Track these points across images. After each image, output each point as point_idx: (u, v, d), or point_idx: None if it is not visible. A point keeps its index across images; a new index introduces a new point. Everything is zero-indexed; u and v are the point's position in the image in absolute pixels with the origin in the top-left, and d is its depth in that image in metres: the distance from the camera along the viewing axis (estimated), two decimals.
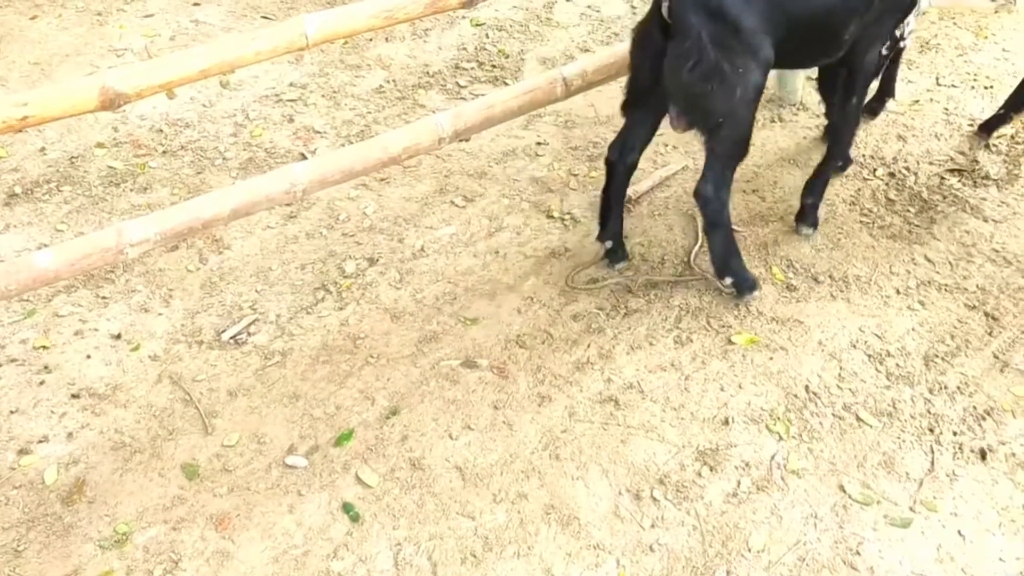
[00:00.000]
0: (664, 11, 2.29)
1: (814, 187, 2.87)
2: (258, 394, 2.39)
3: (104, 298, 2.66)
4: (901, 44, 2.92)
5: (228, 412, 2.34)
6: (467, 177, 3.14)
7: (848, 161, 3.12)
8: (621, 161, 2.65)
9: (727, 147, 2.45)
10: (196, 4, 4.02)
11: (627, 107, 2.61)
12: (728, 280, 2.64)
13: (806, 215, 2.90)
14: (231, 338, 2.54)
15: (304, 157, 3.15)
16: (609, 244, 2.75)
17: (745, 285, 2.64)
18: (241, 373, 2.44)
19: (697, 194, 2.54)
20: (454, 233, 2.91)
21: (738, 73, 2.30)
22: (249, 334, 2.56)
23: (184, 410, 2.35)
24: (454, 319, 2.61)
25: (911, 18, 2.77)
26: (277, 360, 2.48)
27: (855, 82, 2.71)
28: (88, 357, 2.49)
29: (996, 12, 3.51)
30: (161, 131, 3.29)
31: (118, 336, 2.55)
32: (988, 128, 3.29)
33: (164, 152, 3.21)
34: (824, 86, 2.89)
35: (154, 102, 3.29)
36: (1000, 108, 3.28)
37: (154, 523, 2.09)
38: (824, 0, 2.37)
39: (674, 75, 2.31)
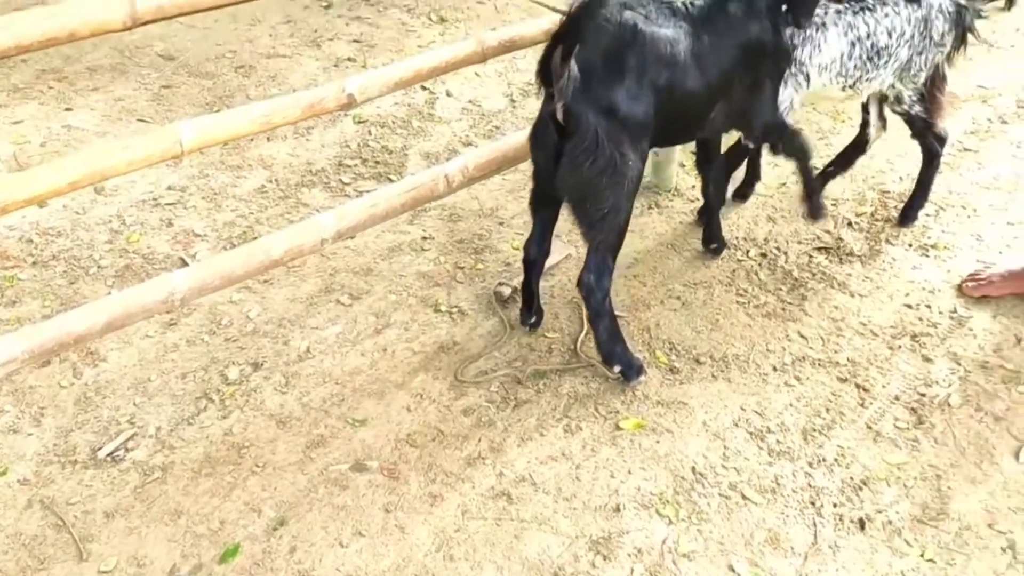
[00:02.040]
0: (559, 114, 2.38)
1: (808, 187, 3.06)
2: (137, 513, 2.29)
3: None
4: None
5: (105, 535, 2.23)
6: (353, 274, 3.14)
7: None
8: (539, 255, 2.81)
9: (610, 237, 2.54)
10: (68, 109, 3.95)
11: (534, 205, 2.75)
12: (616, 368, 2.70)
13: (814, 209, 3.09)
14: (108, 455, 2.43)
15: (184, 262, 3.09)
16: (533, 319, 2.90)
17: (632, 371, 2.71)
18: (119, 492, 2.34)
19: (580, 284, 2.61)
20: (340, 332, 2.90)
21: (628, 165, 2.43)
22: (127, 450, 2.46)
23: (57, 536, 2.23)
24: (342, 421, 2.57)
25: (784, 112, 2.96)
26: (157, 476, 2.39)
27: (775, 142, 2.92)
28: None
29: (847, 98, 3.73)
30: (31, 241, 3.19)
31: None
32: (821, 182, 3.54)
33: (34, 263, 3.10)
34: (698, 161, 3.10)
35: (23, 211, 3.19)
36: (827, 166, 3.55)
37: None
38: (690, 94, 2.53)
39: (574, 172, 2.41)
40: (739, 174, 3.52)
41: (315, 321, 2.94)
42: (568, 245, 3.32)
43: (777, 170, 3.77)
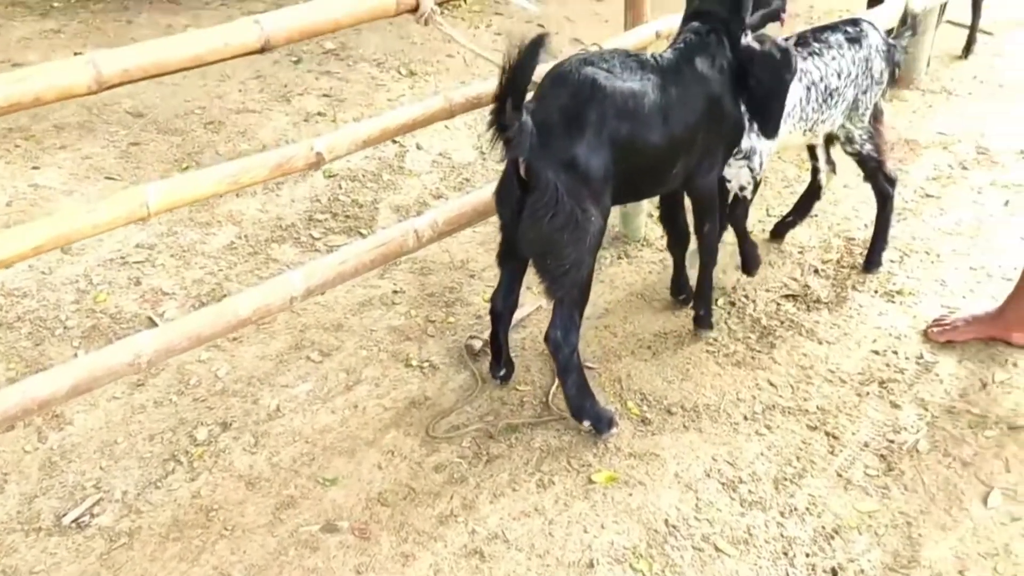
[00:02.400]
0: (521, 169, 2.40)
1: (701, 298, 3.10)
2: None
3: None
4: (745, 192, 3.15)
5: None
6: (323, 331, 3.13)
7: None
8: (506, 308, 2.82)
9: (573, 292, 2.55)
10: (35, 168, 3.94)
11: (501, 258, 2.77)
12: (586, 423, 2.70)
13: (701, 321, 3.13)
14: (73, 522, 2.39)
15: (152, 321, 3.07)
16: (503, 372, 2.90)
17: (603, 424, 2.71)
18: (84, 560, 2.30)
19: (548, 340, 2.62)
20: (311, 390, 2.88)
21: (589, 220, 2.43)
22: (92, 515, 2.42)
23: None
24: (312, 481, 2.55)
25: (756, 167, 3.02)
26: (124, 542, 2.35)
27: (701, 210, 2.95)
28: None
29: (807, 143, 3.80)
30: None
31: None
32: (779, 233, 3.68)
33: None
34: (662, 216, 3.13)
35: None
36: (788, 215, 3.64)
37: None
38: (655, 147, 2.55)
39: (534, 227, 2.42)
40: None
41: (285, 379, 2.92)
42: (539, 297, 3.33)
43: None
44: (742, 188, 3.13)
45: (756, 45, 2.70)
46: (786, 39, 2.94)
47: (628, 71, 2.50)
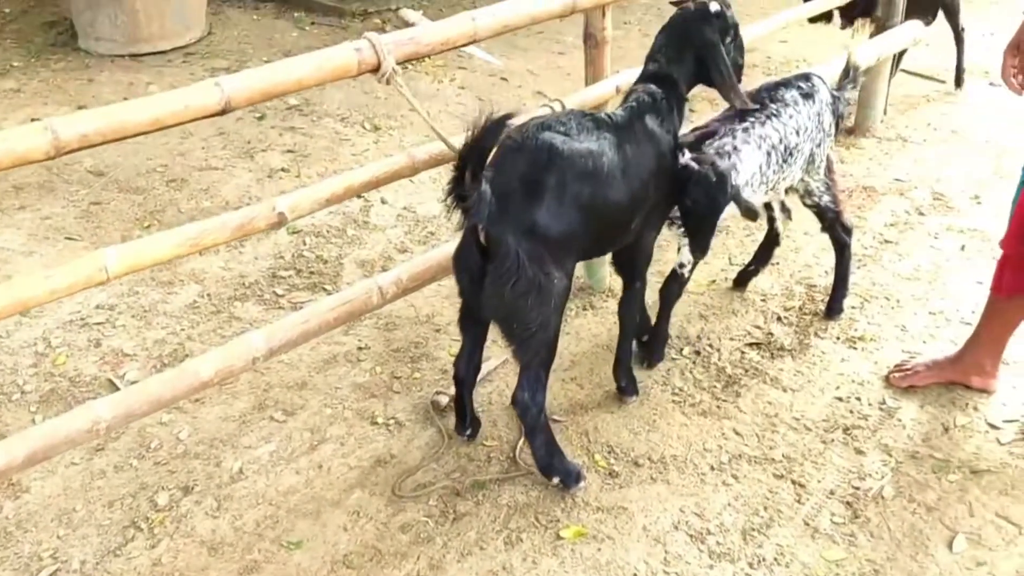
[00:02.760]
0: (481, 236, 2.40)
1: (620, 364, 3.08)
2: None
3: None
4: (684, 269, 3.20)
5: None
6: (287, 389, 3.11)
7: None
8: (469, 372, 2.83)
9: (540, 353, 2.55)
10: None
11: (462, 322, 2.77)
12: (555, 480, 2.69)
13: (626, 389, 3.09)
14: None
15: (113, 384, 3.03)
16: (469, 430, 2.89)
17: (571, 479, 2.70)
18: None
19: (515, 402, 2.61)
20: (274, 450, 2.85)
21: (553, 283, 2.45)
22: None
23: None
24: (277, 545, 2.51)
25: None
26: None
27: (640, 265, 2.97)
28: None
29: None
30: None
31: None
32: (742, 282, 3.73)
33: None
34: (617, 266, 3.10)
35: None
36: (749, 263, 3.70)
37: None
38: (617, 204, 2.59)
39: (497, 293, 2.42)
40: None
41: (248, 440, 2.88)
42: (505, 351, 3.32)
43: (706, 267, 3.86)
44: (682, 265, 3.18)
45: (694, 165, 2.75)
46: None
47: (585, 132, 2.53)
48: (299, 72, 2.42)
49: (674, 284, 3.21)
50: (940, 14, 5.39)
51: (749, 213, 2.89)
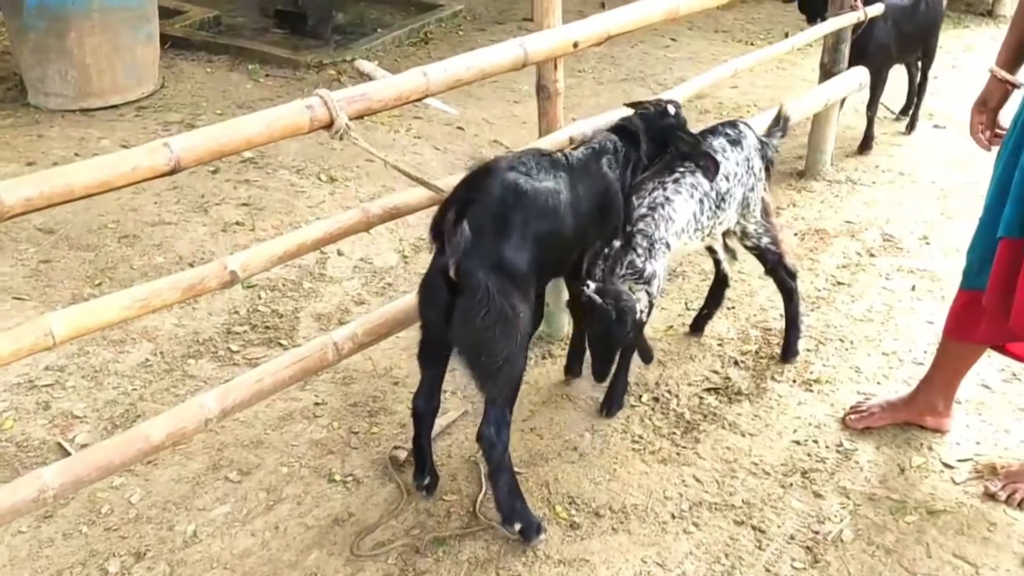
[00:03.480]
0: (451, 271, 2.48)
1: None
2: None
3: None
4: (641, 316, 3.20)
5: None
6: (242, 448, 3.06)
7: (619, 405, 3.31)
8: (428, 409, 2.83)
9: (506, 388, 2.60)
10: None
11: (423, 357, 2.79)
12: (517, 526, 2.66)
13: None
14: None
15: (62, 447, 2.96)
16: (427, 480, 2.86)
17: (532, 529, 2.68)
18: None
19: (480, 438, 2.62)
20: (229, 512, 2.79)
21: (519, 316, 2.52)
22: None
23: None
24: None
25: (654, 291, 3.07)
26: None
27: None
28: None
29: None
30: None
31: None
32: (698, 327, 3.76)
33: None
34: (571, 303, 3.15)
35: None
36: (703, 308, 3.75)
37: None
38: (567, 239, 2.74)
39: (466, 326, 2.49)
40: None
41: (202, 502, 2.82)
42: (464, 402, 3.31)
43: (664, 313, 3.89)
44: (640, 312, 3.18)
45: (597, 298, 2.79)
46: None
47: (543, 171, 2.68)
48: (249, 130, 2.40)
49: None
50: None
51: (644, 355, 3.01)
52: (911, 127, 5.83)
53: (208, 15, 7.49)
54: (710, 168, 2.99)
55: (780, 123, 3.49)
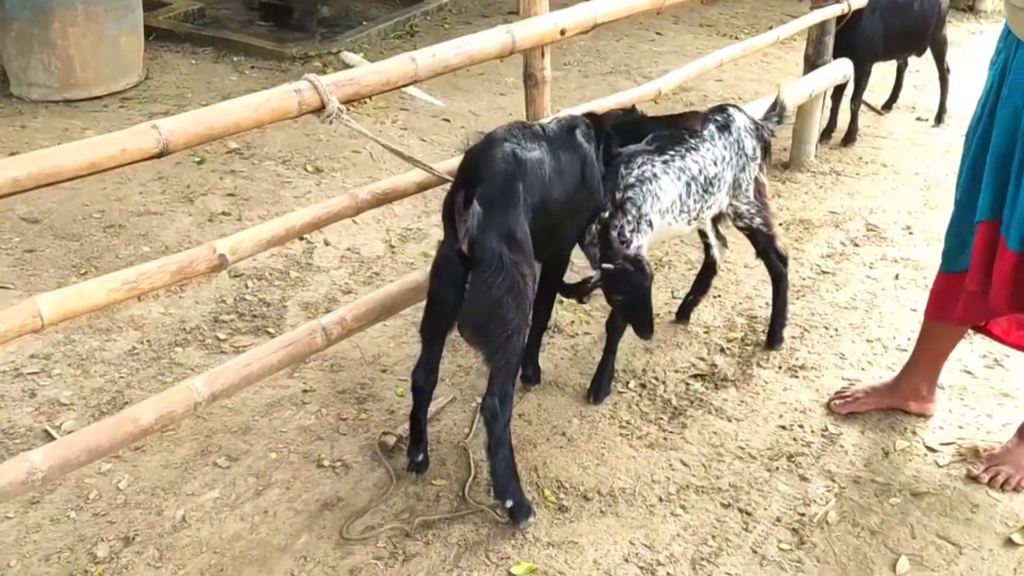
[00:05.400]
0: (464, 246, 2.53)
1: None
2: None
3: None
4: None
5: None
6: (230, 434, 3.05)
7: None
8: (427, 382, 2.82)
9: (512, 358, 2.63)
10: None
11: (428, 331, 2.78)
12: (509, 502, 2.66)
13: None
14: None
15: (49, 435, 2.95)
16: (420, 457, 2.87)
17: (522, 510, 2.69)
18: None
19: (484, 408, 2.64)
20: (218, 497, 2.79)
21: (527, 284, 2.59)
22: None
23: None
24: None
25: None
26: None
27: (557, 275, 3.11)
28: None
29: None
30: None
31: None
32: (684, 314, 3.78)
33: None
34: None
35: None
36: (689, 294, 3.77)
37: None
38: (557, 208, 2.77)
39: (483, 296, 2.53)
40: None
41: (191, 487, 2.82)
42: (453, 388, 3.32)
43: None
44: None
45: (611, 266, 2.90)
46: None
47: (529, 140, 2.72)
48: (239, 113, 2.41)
49: (619, 319, 3.24)
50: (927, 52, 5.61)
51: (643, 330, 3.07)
52: (939, 119, 5.87)
53: (193, 7, 7.46)
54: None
55: (777, 109, 3.52)
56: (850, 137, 5.56)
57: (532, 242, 2.63)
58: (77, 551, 2.57)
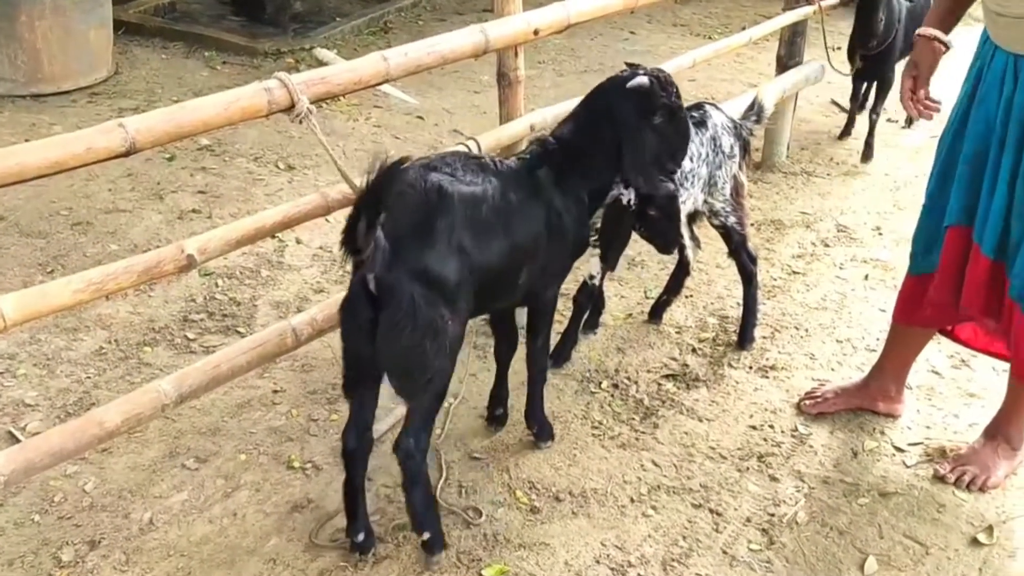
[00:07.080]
0: (371, 285, 2.29)
1: (532, 413, 3.03)
2: None
3: None
4: (594, 280, 3.39)
5: None
6: (199, 436, 3.02)
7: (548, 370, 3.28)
8: (361, 447, 2.51)
9: (433, 400, 2.45)
10: None
11: (350, 387, 2.49)
12: (426, 535, 2.54)
13: (540, 434, 3.05)
14: None
15: (13, 436, 2.90)
16: (361, 537, 2.57)
17: (438, 543, 2.56)
18: None
19: (398, 448, 2.44)
20: (186, 499, 2.76)
21: (447, 326, 2.35)
22: None
23: None
24: None
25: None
26: None
27: (538, 323, 2.90)
28: None
29: None
30: None
31: None
32: (656, 314, 3.79)
33: None
34: (492, 319, 3.00)
35: None
36: (662, 294, 3.78)
37: None
38: (499, 253, 2.51)
39: (393, 341, 2.28)
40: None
41: (158, 489, 2.79)
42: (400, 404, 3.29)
43: (623, 301, 3.92)
44: (591, 276, 3.33)
45: (634, 189, 2.87)
46: None
47: (470, 174, 2.49)
48: (207, 112, 2.38)
49: (582, 293, 3.38)
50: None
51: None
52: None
53: (163, 1, 7.37)
54: None
55: (755, 109, 3.54)
56: (868, 153, 5.43)
57: (476, 284, 2.42)
58: (41, 555, 2.53)
